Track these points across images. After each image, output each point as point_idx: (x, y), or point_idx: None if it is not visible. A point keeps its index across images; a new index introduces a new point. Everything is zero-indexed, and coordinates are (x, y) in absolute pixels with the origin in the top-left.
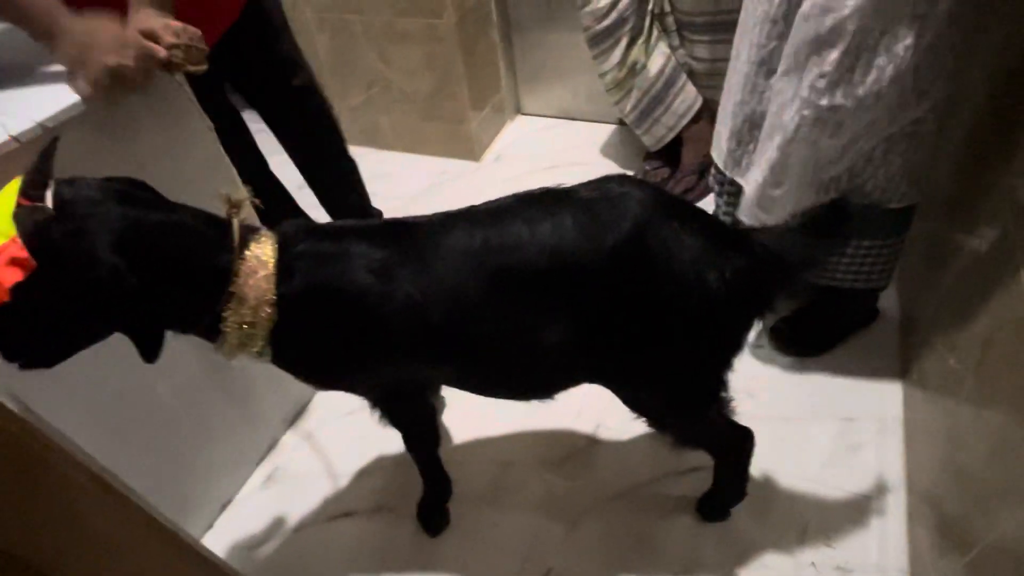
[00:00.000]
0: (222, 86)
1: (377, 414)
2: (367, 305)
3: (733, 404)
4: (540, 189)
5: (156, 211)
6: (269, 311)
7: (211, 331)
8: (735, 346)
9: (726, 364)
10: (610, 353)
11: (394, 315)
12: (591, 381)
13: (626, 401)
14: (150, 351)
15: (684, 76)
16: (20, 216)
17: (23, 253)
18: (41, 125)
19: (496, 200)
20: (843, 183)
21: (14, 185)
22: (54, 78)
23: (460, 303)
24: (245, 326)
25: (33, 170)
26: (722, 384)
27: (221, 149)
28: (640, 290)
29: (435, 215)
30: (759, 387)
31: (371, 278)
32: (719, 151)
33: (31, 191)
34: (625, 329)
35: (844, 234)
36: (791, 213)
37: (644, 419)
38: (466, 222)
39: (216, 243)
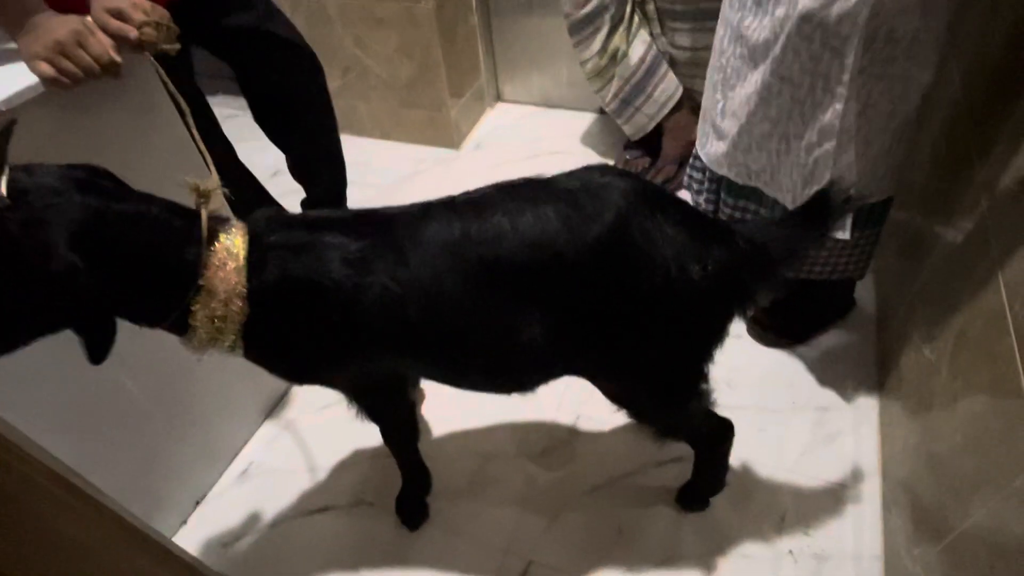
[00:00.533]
0: (189, 70)
1: (354, 409)
2: (343, 297)
3: (713, 395)
4: (521, 179)
5: (119, 202)
6: (240, 304)
7: (179, 325)
8: (716, 338)
9: (707, 356)
10: (592, 346)
11: (371, 308)
12: (572, 374)
13: (607, 394)
14: (98, 352)
15: (665, 65)
16: None
17: None
18: None
19: (476, 190)
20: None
21: None
22: (9, 58)
23: (439, 296)
24: (216, 320)
25: None
26: (703, 376)
27: (195, 133)
28: (622, 282)
29: (413, 205)
30: (738, 378)
31: (347, 270)
32: (708, 145)
33: None
34: (607, 321)
35: (826, 227)
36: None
37: (625, 411)
38: (445, 213)
39: (183, 235)
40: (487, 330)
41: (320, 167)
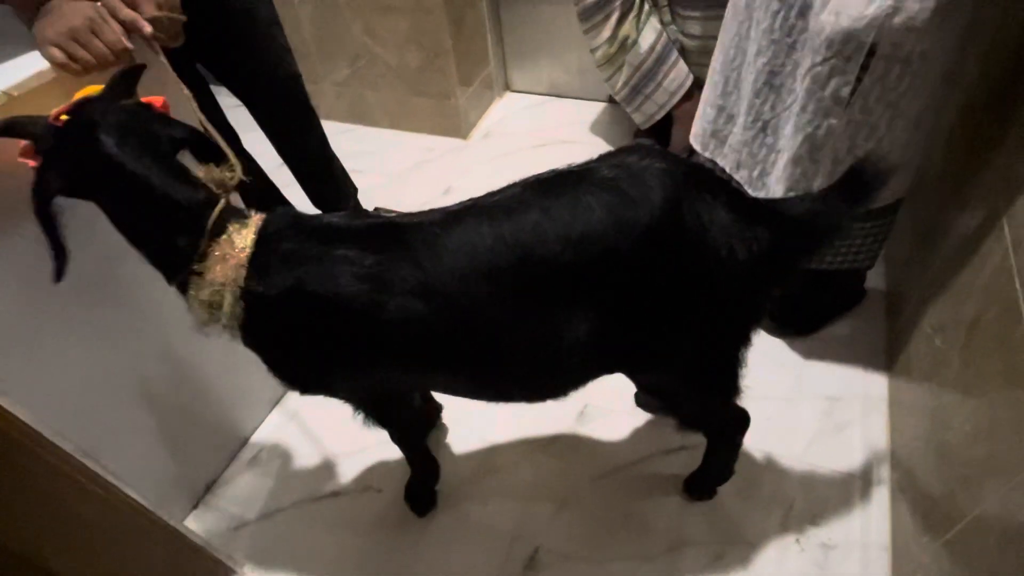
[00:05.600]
0: (192, 58)
1: (360, 416)
2: (354, 314)
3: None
4: (550, 172)
5: (137, 162)
6: (232, 300)
7: (184, 293)
8: (757, 321)
9: (749, 340)
10: (639, 339)
11: (388, 326)
12: (614, 371)
13: (643, 385)
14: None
15: (675, 53)
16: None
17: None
18: (6, 93)
19: (501, 190)
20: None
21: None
22: (21, 45)
23: (470, 308)
24: (212, 306)
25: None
26: (742, 362)
27: (203, 118)
28: (674, 268)
29: (434, 212)
30: (746, 367)
31: (360, 285)
32: (702, 131)
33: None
34: (656, 312)
35: (863, 201)
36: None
37: (662, 403)
38: (471, 217)
39: (184, 221)
40: (527, 339)
41: (305, 164)
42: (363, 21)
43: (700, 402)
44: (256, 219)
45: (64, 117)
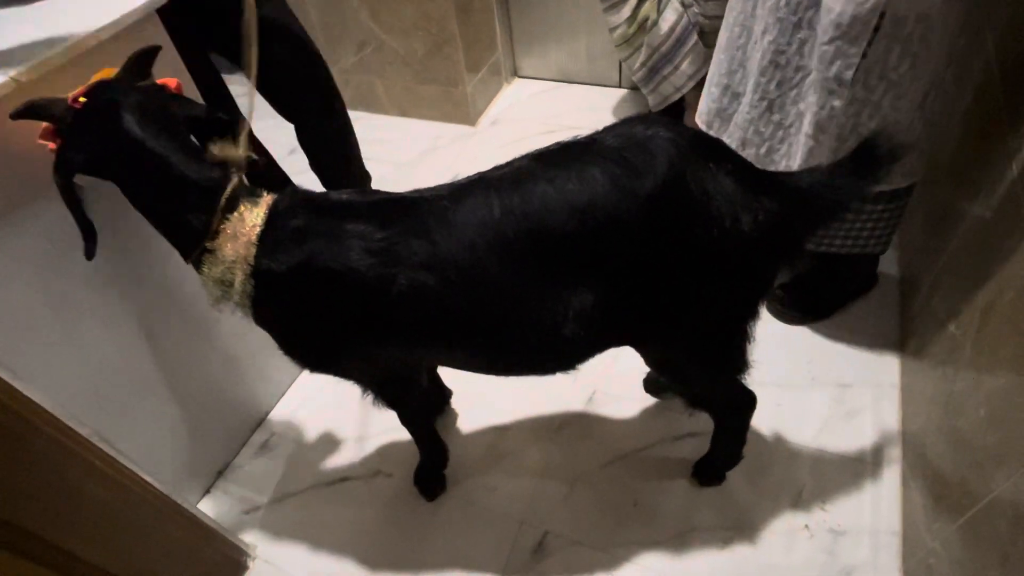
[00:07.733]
0: (204, 47)
1: (369, 397)
2: (365, 289)
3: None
4: (556, 145)
5: (155, 140)
6: (243, 277)
7: (199, 271)
8: (764, 294)
9: (756, 313)
10: (646, 310)
11: (398, 300)
12: (621, 343)
13: (651, 360)
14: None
15: (695, 36)
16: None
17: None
18: (14, 79)
19: (509, 163)
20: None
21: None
22: (29, 31)
23: (480, 280)
24: (223, 283)
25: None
26: (750, 336)
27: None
28: (679, 237)
29: (442, 187)
30: (757, 354)
31: (369, 259)
32: (707, 110)
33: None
34: (662, 282)
35: (873, 177)
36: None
37: (669, 378)
38: (480, 191)
39: (197, 200)
40: (535, 310)
41: (322, 150)
42: (369, 7)
43: (707, 377)
44: (267, 198)
45: (82, 99)
